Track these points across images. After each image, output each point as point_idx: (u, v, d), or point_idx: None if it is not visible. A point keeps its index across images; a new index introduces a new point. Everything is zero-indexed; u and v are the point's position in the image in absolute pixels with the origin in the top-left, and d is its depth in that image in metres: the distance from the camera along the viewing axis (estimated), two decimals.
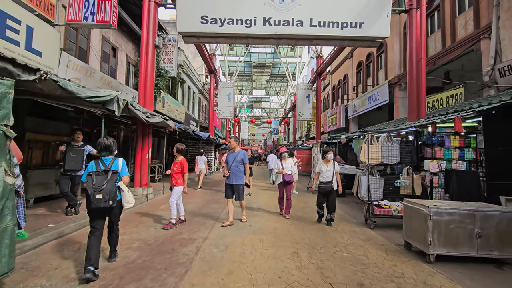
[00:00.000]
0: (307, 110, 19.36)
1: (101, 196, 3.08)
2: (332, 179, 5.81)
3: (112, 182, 3.20)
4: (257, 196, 9.76)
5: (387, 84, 13.78)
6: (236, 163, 5.68)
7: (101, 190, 3.09)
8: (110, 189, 3.14)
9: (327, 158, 5.94)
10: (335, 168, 5.91)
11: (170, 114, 15.34)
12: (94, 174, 3.20)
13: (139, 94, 8.40)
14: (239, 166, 5.70)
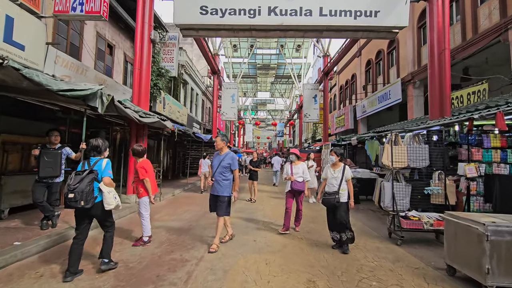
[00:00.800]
0: (314, 111, 18.45)
1: (72, 195, 2.98)
2: (339, 188, 4.42)
3: (86, 182, 3.06)
4: (263, 203, 8.87)
5: (400, 82, 12.83)
6: (221, 169, 4.36)
7: (74, 190, 2.99)
8: (82, 189, 3.01)
9: (334, 161, 4.63)
10: (346, 174, 4.47)
11: (171, 115, 14.58)
12: (74, 173, 3.17)
13: (133, 92, 7.62)
14: (224, 173, 4.38)
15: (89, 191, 3.06)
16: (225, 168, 4.36)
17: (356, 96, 18.54)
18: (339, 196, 4.41)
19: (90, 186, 3.08)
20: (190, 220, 6.18)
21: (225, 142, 4.53)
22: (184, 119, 16.53)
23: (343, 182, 4.48)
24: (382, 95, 14.58)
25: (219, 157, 4.47)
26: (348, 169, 4.56)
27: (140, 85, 7.71)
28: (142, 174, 4.44)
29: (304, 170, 5.44)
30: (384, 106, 14.36)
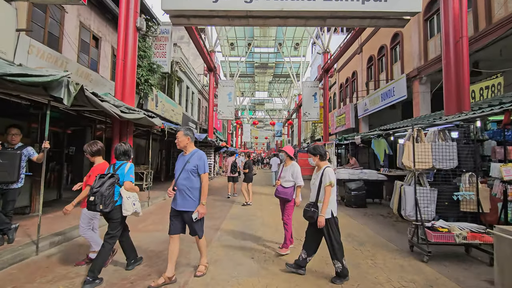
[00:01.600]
0: (314, 110, 17.65)
1: (92, 198, 2.98)
2: (317, 199, 3.35)
3: (106, 186, 3.03)
4: (261, 207, 8.03)
5: (405, 78, 12.06)
6: (185, 174, 3.13)
7: (95, 193, 2.99)
8: (102, 193, 2.99)
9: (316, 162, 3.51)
10: (325, 178, 3.30)
11: (165, 114, 13.73)
12: (98, 177, 3.14)
13: (116, 85, 6.76)
14: (190, 179, 3.13)
15: (108, 194, 3.02)
16: (190, 172, 3.13)
17: (357, 94, 17.78)
18: (317, 210, 3.33)
19: (110, 189, 3.05)
20: None
21: (189, 138, 3.24)
22: (179, 118, 15.67)
23: (321, 190, 3.32)
24: (385, 92, 13.81)
25: (183, 158, 3.25)
26: (328, 172, 3.32)
27: (125, 78, 6.86)
28: (91, 179, 3.32)
29: (295, 173, 4.25)
30: (388, 104, 13.58)
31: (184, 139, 3.23)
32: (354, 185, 7.96)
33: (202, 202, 3.13)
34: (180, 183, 3.14)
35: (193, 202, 3.13)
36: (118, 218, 3.21)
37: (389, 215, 7.02)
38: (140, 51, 11.04)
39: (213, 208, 7.65)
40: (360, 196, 7.86)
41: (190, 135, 3.28)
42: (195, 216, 3.07)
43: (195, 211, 3.09)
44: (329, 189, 3.25)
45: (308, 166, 17.43)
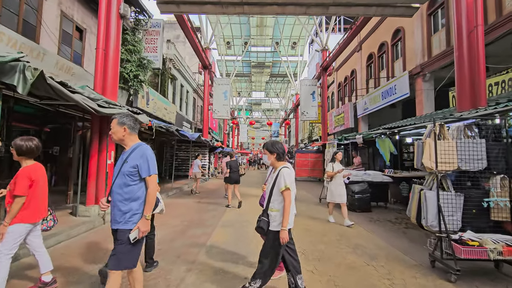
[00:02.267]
0: (312, 109, 17.01)
1: None
2: (267, 206, 2.72)
3: None
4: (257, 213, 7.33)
5: (407, 75, 11.47)
6: (122, 178, 2.24)
7: None
8: None
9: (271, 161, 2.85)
10: (279, 181, 2.66)
11: (157, 113, 13.01)
12: None
13: (95, 78, 6.03)
14: (128, 186, 2.23)
15: None
16: (128, 176, 2.21)
17: (356, 93, 17.18)
18: (267, 219, 2.65)
19: None
20: (160, 242, 4.60)
21: (127, 128, 2.28)
22: (172, 117, 14.94)
23: (274, 195, 2.67)
24: (386, 90, 13.21)
25: (122, 156, 2.35)
26: (284, 173, 2.62)
27: (106, 70, 6.14)
28: (19, 187, 2.62)
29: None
30: (389, 102, 12.99)
31: (118, 130, 2.27)
32: (358, 188, 7.31)
33: (145, 215, 2.20)
34: (114, 191, 2.23)
35: (127, 218, 2.18)
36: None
37: (397, 220, 6.37)
38: (129, 45, 10.34)
39: (205, 212, 6.94)
40: (365, 200, 7.21)
41: (129, 123, 2.29)
42: (133, 235, 2.14)
43: (135, 228, 2.16)
44: (288, 195, 2.59)
45: (307, 167, 16.79)
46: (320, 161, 16.39)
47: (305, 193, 11.01)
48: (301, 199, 9.38)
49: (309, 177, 16.85)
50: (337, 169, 6.03)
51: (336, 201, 6.03)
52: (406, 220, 6.39)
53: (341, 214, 6.15)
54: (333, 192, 6.07)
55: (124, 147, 2.37)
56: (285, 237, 2.53)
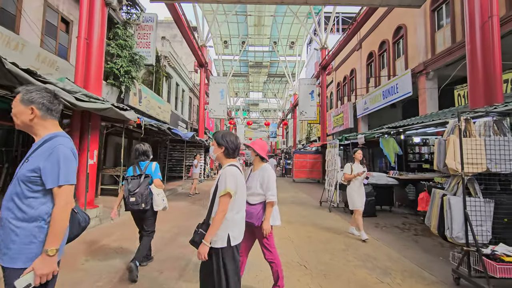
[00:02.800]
0: (311, 108, 16.52)
1: (134, 199, 3.13)
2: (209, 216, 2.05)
3: (144, 186, 3.22)
4: None
5: (410, 74, 11.01)
6: (15, 187, 1.44)
7: (134, 193, 3.13)
8: (142, 192, 3.18)
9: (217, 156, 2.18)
10: (221, 183, 2.03)
11: (150, 111, 12.43)
12: (130, 178, 3.27)
13: (76, 69, 5.46)
14: (22, 198, 1.42)
15: (147, 194, 3.23)
16: (26, 183, 1.43)
17: (356, 93, 16.72)
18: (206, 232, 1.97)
19: (147, 189, 3.25)
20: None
21: (35, 109, 1.49)
22: (166, 117, 14.37)
23: (216, 202, 2.04)
24: (387, 89, 12.76)
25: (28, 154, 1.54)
26: (226, 173, 2.02)
27: (89, 62, 5.58)
28: None
29: (265, 182, 2.65)
30: (390, 102, 12.53)
31: (22, 111, 1.48)
32: None
33: (46, 249, 1.38)
34: (3, 205, 1.44)
35: (21, 249, 1.38)
36: (153, 215, 3.41)
37: (405, 226, 5.85)
38: (120, 39, 9.78)
39: (198, 217, 6.38)
40: (369, 203, 6.68)
41: (40, 102, 1.49)
42: (23, 282, 1.32)
43: (28, 269, 1.36)
44: (225, 201, 1.96)
45: (305, 168, 16.28)
46: (319, 162, 15.91)
47: (305, 196, 10.50)
48: (301, 202, 8.86)
49: (308, 178, 16.35)
50: (356, 170, 5.06)
51: (359, 207, 4.98)
52: (414, 226, 5.88)
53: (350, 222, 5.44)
54: (354, 197, 5.03)
55: (34, 137, 1.57)
56: (204, 253, 1.89)
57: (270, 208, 2.66)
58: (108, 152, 10.14)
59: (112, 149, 10.60)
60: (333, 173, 7.51)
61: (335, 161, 7.38)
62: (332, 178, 7.58)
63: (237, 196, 2.05)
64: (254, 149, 2.75)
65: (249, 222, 2.54)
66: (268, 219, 2.63)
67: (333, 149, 7.65)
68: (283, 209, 7.71)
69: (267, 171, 2.69)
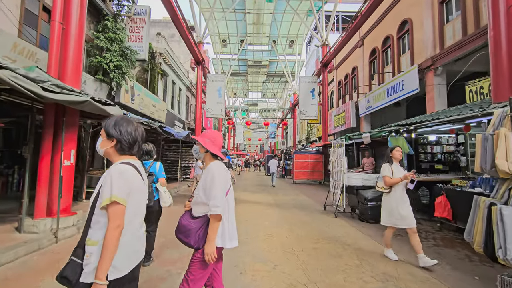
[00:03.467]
0: (312, 107, 15.86)
1: None
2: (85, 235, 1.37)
3: (148, 184, 2.95)
4: (248, 225, 6.08)
5: (417, 69, 10.38)
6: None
7: None
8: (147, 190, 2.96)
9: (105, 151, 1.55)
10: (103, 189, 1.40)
11: (144, 110, 11.75)
12: None
13: (49, 57, 4.76)
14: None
15: (151, 191, 3.26)
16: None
17: (358, 91, 16.09)
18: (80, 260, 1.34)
19: (151, 187, 3.27)
20: None
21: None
22: (161, 116, 13.70)
23: (95, 215, 1.41)
24: (392, 87, 12.13)
25: None
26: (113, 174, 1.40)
27: (65, 50, 4.89)
28: None
29: (208, 184, 1.89)
30: (395, 100, 11.91)
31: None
32: (371, 194, 6.13)
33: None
34: None
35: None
36: (158, 211, 3.54)
37: (421, 235, 5.17)
38: (109, 32, 9.12)
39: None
40: (379, 208, 6.01)
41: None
42: None
43: None
44: (115, 213, 1.34)
45: (306, 169, 15.60)
46: (321, 162, 15.25)
47: (306, 199, 9.82)
48: (303, 206, 8.18)
49: (309, 179, 15.68)
50: (398, 174, 3.77)
51: (399, 224, 3.76)
52: (432, 234, 5.22)
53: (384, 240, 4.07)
54: (393, 210, 3.80)
55: None
56: None
57: (214, 224, 1.83)
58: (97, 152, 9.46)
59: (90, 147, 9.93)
60: (339, 174, 6.84)
61: (341, 162, 6.71)
62: (337, 180, 6.91)
63: (131, 205, 1.42)
64: (201, 143, 1.98)
65: (185, 242, 1.88)
66: (211, 240, 1.82)
67: (338, 148, 6.98)
68: (283, 214, 7.07)
69: (210, 172, 1.90)
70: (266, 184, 15.34)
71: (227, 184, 1.97)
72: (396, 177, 3.77)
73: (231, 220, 2.00)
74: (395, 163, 3.90)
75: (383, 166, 3.93)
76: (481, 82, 8.18)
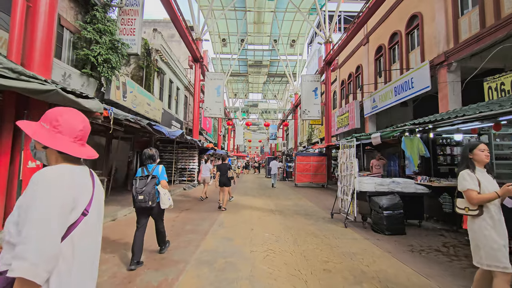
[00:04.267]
0: (314, 107, 15.08)
1: (142, 197, 3.41)
2: None
3: (151, 185, 3.47)
4: (246, 237, 5.29)
5: (428, 65, 9.63)
6: None
7: (142, 192, 3.41)
8: (149, 191, 3.44)
9: None
10: None
11: (138, 108, 11.00)
12: (138, 178, 3.54)
13: (10, 40, 3.98)
14: None
15: (154, 193, 3.49)
16: None
17: (363, 90, 15.32)
18: None
19: (153, 189, 3.50)
20: None
21: None
22: (157, 115, 12.94)
23: None
24: (400, 85, 11.38)
25: None
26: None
27: (33, 32, 4.13)
28: None
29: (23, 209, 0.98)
30: (404, 98, 11.15)
31: None
32: (386, 202, 5.33)
33: None
34: None
35: None
36: (159, 211, 3.73)
37: (448, 250, 4.37)
38: (98, 23, 8.38)
39: (179, 236, 4.92)
40: (396, 218, 5.23)
41: None
42: None
43: None
44: None
45: (309, 171, 14.80)
46: (324, 165, 14.45)
47: (311, 204, 9.01)
48: (307, 213, 7.38)
49: (311, 182, 14.87)
50: (488, 186, 2.34)
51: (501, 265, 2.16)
52: (461, 249, 4.40)
53: None
54: (494, 242, 2.23)
55: None
56: None
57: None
58: None
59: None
60: (348, 178, 6.05)
61: (352, 165, 5.92)
62: (347, 185, 6.12)
63: None
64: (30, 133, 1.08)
65: None
66: None
67: (348, 150, 6.19)
68: (286, 223, 6.23)
69: (32, 189, 0.99)
70: (267, 187, 14.56)
71: (74, 211, 1.05)
72: (486, 189, 2.33)
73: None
74: (479, 169, 2.45)
75: (462, 174, 2.45)
76: (502, 78, 7.40)
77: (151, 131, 6.90)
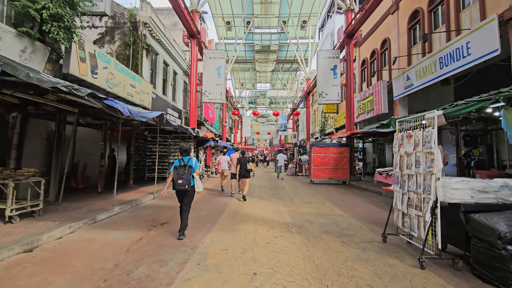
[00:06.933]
0: (333, 89, 12.30)
1: (181, 181, 4.12)
2: None
3: (189, 173, 4.20)
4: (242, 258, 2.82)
5: (496, 20, 6.80)
6: None
7: (182, 177, 4.14)
8: (187, 178, 4.16)
9: None
10: None
11: (116, 90, 8.61)
12: (178, 167, 4.23)
13: None
14: None
15: (189, 179, 4.18)
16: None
17: (390, 67, 12.43)
18: None
19: (189, 175, 4.20)
20: None
21: None
22: (145, 100, 10.53)
23: None
24: (449, 53, 8.57)
25: None
26: None
27: None
28: None
29: None
30: (455, 70, 8.37)
31: None
32: (505, 226, 2.72)
33: None
34: None
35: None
36: (192, 194, 4.38)
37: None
38: None
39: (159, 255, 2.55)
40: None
41: None
42: None
43: None
44: None
45: (327, 166, 12.16)
46: (346, 157, 11.78)
47: (340, 213, 6.37)
48: (342, 232, 4.77)
49: (331, 179, 12.22)
50: None
51: None
52: None
53: None
54: None
55: None
56: None
57: None
58: (28, 147, 6.30)
59: (38, 141, 6.75)
60: (419, 180, 3.44)
61: (427, 156, 3.30)
62: (416, 190, 3.50)
63: None
64: None
65: None
66: None
67: (420, 131, 3.56)
68: (313, 255, 3.23)
69: None
70: (276, 185, 12.03)
71: None
72: None
73: None
74: None
75: None
76: None
77: (100, 107, 4.41)
